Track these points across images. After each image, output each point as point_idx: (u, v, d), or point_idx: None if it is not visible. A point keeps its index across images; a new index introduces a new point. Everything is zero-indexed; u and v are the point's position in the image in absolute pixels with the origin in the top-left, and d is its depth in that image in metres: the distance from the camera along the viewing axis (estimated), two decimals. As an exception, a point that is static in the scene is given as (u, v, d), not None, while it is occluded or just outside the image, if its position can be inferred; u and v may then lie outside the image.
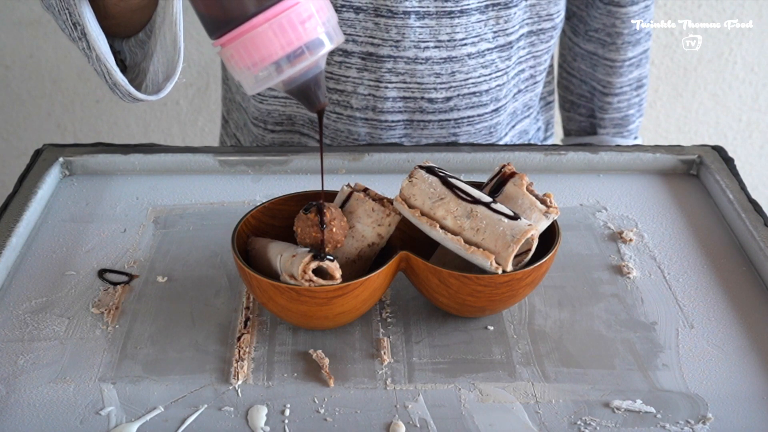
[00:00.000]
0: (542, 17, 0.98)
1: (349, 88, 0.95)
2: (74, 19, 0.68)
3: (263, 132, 1.03)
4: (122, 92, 0.72)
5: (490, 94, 0.97)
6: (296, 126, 1.02)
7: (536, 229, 0.67)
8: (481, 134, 1.00)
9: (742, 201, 0.85)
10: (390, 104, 0.95)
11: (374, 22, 0.90)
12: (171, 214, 0.87)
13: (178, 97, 1.72)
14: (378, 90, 0.94)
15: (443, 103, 0.96)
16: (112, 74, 0.70)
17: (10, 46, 1.65)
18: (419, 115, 0.97)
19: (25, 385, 0.66)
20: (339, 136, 1.00)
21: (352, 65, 0.93)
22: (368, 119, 0.97)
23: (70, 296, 0.75)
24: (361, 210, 0.71)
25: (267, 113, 1.01)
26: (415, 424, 0.63)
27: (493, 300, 0.69)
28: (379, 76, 0.94)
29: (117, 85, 0.71)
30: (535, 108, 1.08)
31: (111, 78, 0.70)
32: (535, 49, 1.00)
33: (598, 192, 0.91)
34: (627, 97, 1.11)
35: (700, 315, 0.74)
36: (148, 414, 0.63)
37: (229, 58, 0.58)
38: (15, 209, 0.83)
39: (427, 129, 0.98)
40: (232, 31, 0.57)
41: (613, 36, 1.06)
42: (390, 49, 0.92)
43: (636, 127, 1.14)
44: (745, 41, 1.66)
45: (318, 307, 0.66)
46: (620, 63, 1.07)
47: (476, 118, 0.98)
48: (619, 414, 0.64)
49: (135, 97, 0.72)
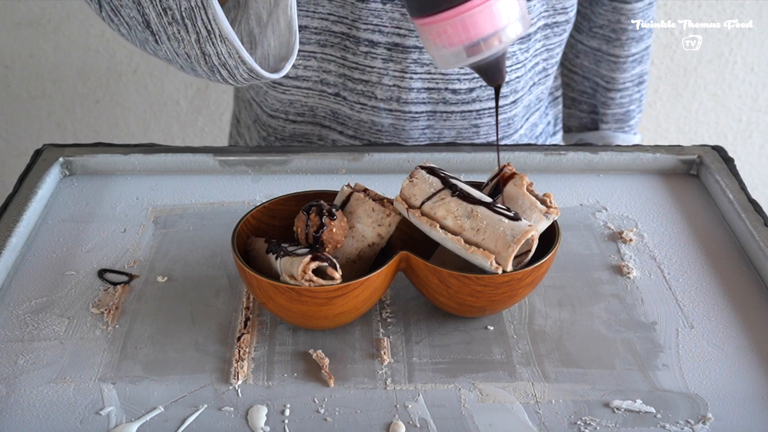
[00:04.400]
0: (557, 10, 0.99)
1: (374, 79, 0.95)
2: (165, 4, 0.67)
3: (283, 123, 1.03)
4: (233, 71, 0.71)
5: (510, 86, 0.98)
6: (317, 118, 1.02)
7: (536, 229, 0.67)
8: (500, 126, 1.01)
9: (742, 201, 0.85)
10: (414, 95, 0.96)
11: (401, 12, 0.91)
12: (171, 214, 0.87)
13: (178, 97, 1.72)
14: (403, 81, 0.95)
15: (466, 94, 0.97)
16: (240, 52, 0.69)
17: (10, 46, 1.65)
18: (443, 105, 0.97)
19: (25, 385, 0.66)
20: (362, 126, 1.00)
21: (378, 56, 0.93)
22: (392, 110, 0.97)
23: (70, 296, 0.75)
24: (361, 210, 0.71)
25: (289, 103, 1.01)
26: (415, 424, 0.63)
27: (493, 300, 0.69)
28: (404, 67, 0.94)
29: (226, 65, 0.70)
30: (544, 102, 1.09)
31: (222, 57, 0.69)
32: (549, 42, 1.01)
33: (598, 192, 0.91)
34: (629, 93, 1.12)
35: (700, 315, 0.74)
36: (148, 414, 0.63)
37: (436, 34, 0.65)
38: (15, 209, 0.83)
39: (450, 120, 0.99)
40: (449, 9, 0.64)
41: (618, 32, 1.07)
42: (416, 39, 0.92)
43: (636, 123, 1.16)
44: (745, 41, 1.67)
45: (318, 307, 0.66)
46: (624, 59, 1.08)
47: (494, 109, 0.98)
48: (619, 414, 0.64)
49: (257, 74, 0.71)
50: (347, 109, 0.99)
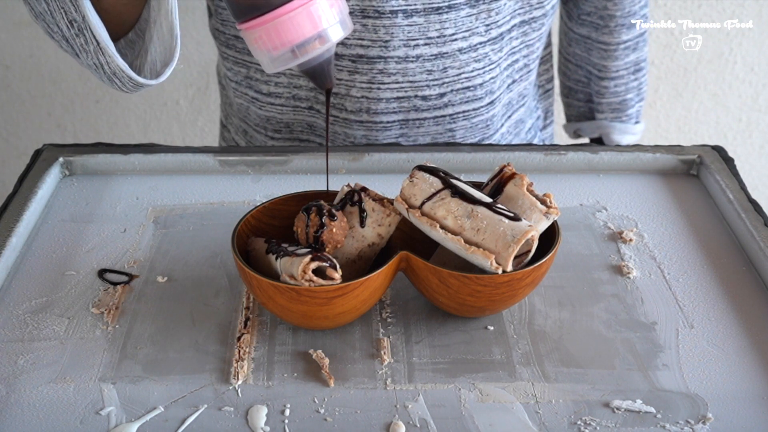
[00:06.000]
0: (533, 5, 0.97)
1: (342, 91, 0.95)
2: (70, 16, 0.69)
3: (265, 138, 1.04)
4: (122, 79, 0.73)
5: (485, 87, 0.97)
6: (294, 133, 1.02)
7: (536, 229, 0.67)
8: (478, 128, 1.00)
9: (742, 201, 0.85)
10: (384, 105, 0.95)
11: (362, 23, 0.90)
12: (171, 214, 0.87)
13: (178, 97, 1.72)
14: (371, 92, 0.94)
15: (437, 100, 0.96)
16: (114, 60, 0.70)
17: (10, 46, 1.65)
18: (414, 113, 0.97)
19: (25, 385, 0.66)
20: (336, 138, 1.00)
21: (344, 68, 0.93)
22: (363, 121, 0.97)
23: (70, 296, 0.75)
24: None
25: (266, 119, 1.01)
26: (415, 424, 0.63)
27: (493, 300, 0.69)
28: (370, 78, 0.93)
29: (116, 74, 0.72)
30: (530, 96, 1.08)
31: (110, 66, 0.71)
32: (527, 38, 1.00)
33: (598, 192, 0.91)
34: (624, 81, 1.11)
35: (700, 315, 0.74)
36: (148, 414, 0.63)
37: (255, 40, 0.65)
38: (15, 209, 0.83)
39: (423, 127, 0.98)
40: (261, 16, 0.64)
41: (605, 19, 1.06)
42: (380, 49, 0.91)
43: (636, 112, 1.14)
44: (745, 41, 1.67)
45: (318, 307, 0.66)
46: (614, 46, 1.07)
47: (471, 112, 0.98)
48: (619, 414, 0.64)
49: (136, 82, 0.73)
50: (322, 121, 0.99)
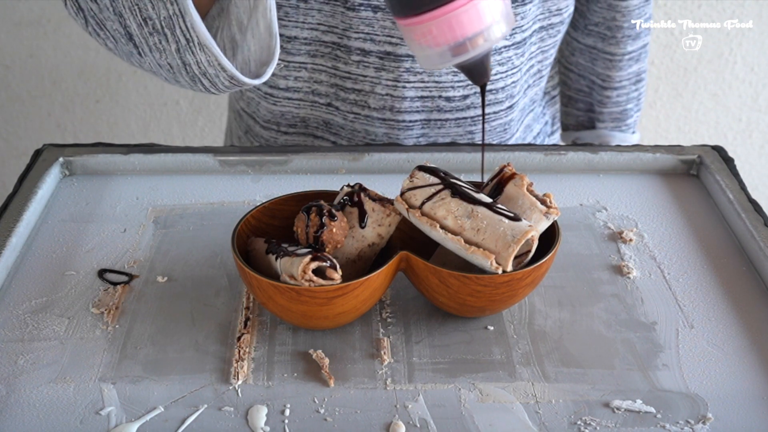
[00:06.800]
0: (552, 12, 0.98)
1: (366, 88, 0.94)
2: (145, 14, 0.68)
3: (275, 134, 1.03)
4: (212, 79, 0.71)
5: (506, 91, 0.97)
6: (310, 128, 1.01)
7: (536, 229, 0.67)
8: (496, 131, 1.00)
9: (742, 201, 0.85)
10: (408, 104, 0.95)
11: (392, 21, 0.89)
12: (171, 214, 0.87)
13: (178, 97, 1.72)
14: (396, 90, 0.94)
15: (460, 101, 0.96)
16: (219, 59, 0.69)
17: (10, 46, 1.65)
18: (437, 113, 0.96)
19: (25, 385, 0.66)
20: (356, 136, 0.99)
21: (370, 65, 0.92)
22: (386, 119, 0.96)
23: (70, 296, 0.75)
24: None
25: (280, 115, 1.00)
26: (415, 424, 0.63)
27: (493, 300, 0.69)
28: (397, 76, 0.93)
29: (206, 74, 0.71)
30: (538, 102, 1.08)
31: (201, 66, 0.70)
32: (543, 44, 1.00)
33: (598, 192, 0.91)
34: (626, 91, 1.11)
35: (700, 315, 0.74)
36: (148, 414, 0.63)
37: (422, 34, 0.64)
38: (15, 209, 0.83)
39: (444, 128, 0.98)
40: (433, 10, 0.63)
41: (613, 30, 1.06)
42: (408, 48, 0.91)
43: (634, 122, 1.15)
44: (745, 41, 1.67)
45: (318, 307, 0.66)
46: (620, 57, 1.08)
47: (492, 115, 0.98)
48: (619, 414, 0.64)
49: (239, 82, 0.72)
50: (340, 119, 0.98)
